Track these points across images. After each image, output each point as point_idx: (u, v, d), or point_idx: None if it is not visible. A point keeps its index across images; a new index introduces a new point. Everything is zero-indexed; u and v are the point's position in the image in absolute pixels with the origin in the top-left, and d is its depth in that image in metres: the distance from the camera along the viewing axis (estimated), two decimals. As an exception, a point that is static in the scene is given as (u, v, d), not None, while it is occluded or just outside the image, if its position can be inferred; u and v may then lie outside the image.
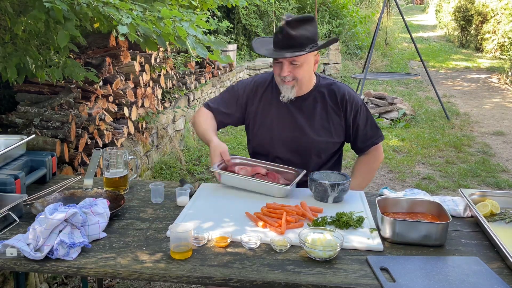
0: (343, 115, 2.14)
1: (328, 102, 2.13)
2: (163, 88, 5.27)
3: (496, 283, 1.29)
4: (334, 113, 2.13)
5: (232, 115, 2.22)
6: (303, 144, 2.12)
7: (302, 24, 1.97)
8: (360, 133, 2.18)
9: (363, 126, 2.17)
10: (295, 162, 2.13)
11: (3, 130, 3.27)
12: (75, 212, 1.46)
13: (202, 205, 1.81)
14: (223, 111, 2.21)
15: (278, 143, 2.14)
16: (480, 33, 14.17)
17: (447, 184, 4.68)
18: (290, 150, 2.14)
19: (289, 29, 1.95)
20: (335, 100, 2.14)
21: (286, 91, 2.07)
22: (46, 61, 2.98)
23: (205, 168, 5.04)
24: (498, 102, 8.50)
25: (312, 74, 2.12)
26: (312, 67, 2.08)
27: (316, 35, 2.03)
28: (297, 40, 1.96)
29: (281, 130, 2.14)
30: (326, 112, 2.13)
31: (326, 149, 2.16)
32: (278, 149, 2.15)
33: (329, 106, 2.13)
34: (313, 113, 2.12)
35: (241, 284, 1.33)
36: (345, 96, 2.14)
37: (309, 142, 2.12)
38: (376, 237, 1.55)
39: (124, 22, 2.21)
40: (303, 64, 2.01)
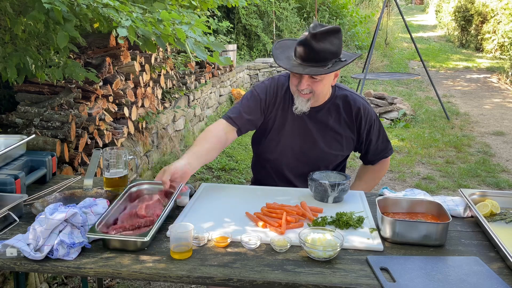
0: (356, 129, 2.10)
1: (342, 115, 2.08)
2: (163, 88, 5.27)
3: (496, 283, 1.29)
4: (347, 126, 2.09)
5: (257, 121, 2.10)
6: (313, 155, 2.09)
7: (328, 37, 1.87)
8: (371, 148, 2.16)
9: (375, 141, 2.15)
10: (301, 170, 2.09)
11: (3, 130, 3.27)
12: (75, 212, 1.46)
13: (202, 205, 1.81)
14: (247, 118, 2.06)
15: (288, 151, 2.10)
16: (480, 33, 14.17)
17: (447, 184, 4.68)
18: (299, 160, 2.11)
19: (314, 42, 1.86)
20: (350, 114, 2.09)
21: (300, 104, 1.99)
22: (46, 61, 2.99)
23: (205, 168, 5.04)
24: (498, 102, 8.51)
25: (330, 87, 2.06)
26: (331, 81, 2.01)
27: (341, 48, 1.94)
28: (321, 55, 1.87)
29: (292, 139, 2.09)
30: (339, 124, 2.09)
31: (335, 160, 2.14)
32: (286, 157, 2.11)
33: (343, 119, 2.08)
34: (327, 125, 2.08)
35: (241, 284, 1.33)
36: (360, 110, 2.08)
37: (320, 154, 2.09)
38: (376, 237, 1.55)
39: (123, 24, 2.21)
40: (324, 79, 1.95)
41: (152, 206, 1.62)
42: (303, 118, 2.06)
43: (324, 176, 1.93)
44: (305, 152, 2.09)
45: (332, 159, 2.12)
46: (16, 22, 2.66)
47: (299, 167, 2.11)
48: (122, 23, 2.21)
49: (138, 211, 1.60)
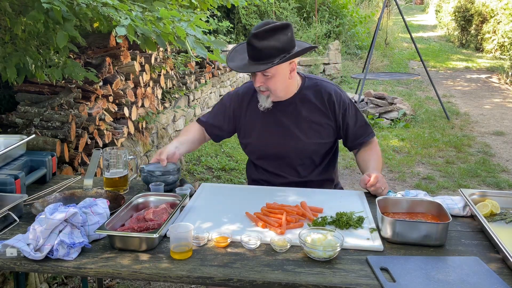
0: (332, 116, 2.10)
1: (315, 103, 2.09)
2: (163, 88, 5.27)
3: (496, 283, 1.29)
4: (322, 114, 2.09)
5: (222, 127, 2.23)
6: (294, 148, 2.09)
7: (272, 35, 1.90)
8: (350, 132, 2.14)
9: (353, 125, 2.14)
10: (289, 165, 2.12)
11: (3, 130, 3.27)
12: (75, 212, 1.46)
13: (202, 205, 1.81)
14: (213, 124, 2.23)
15: (270, 149, 2.13)
16: (480, 33, 14.17)
17: (447, 184, 4.68)
18: (283, 156, 2.12)
19: (256, 41, 1.90)
20: (322, 101, 2.10)
21: (262, 100, 2.06)
22: (46, 61, 2.99)
23: (205, 168, 5.04)
24: (498, 102, 8.50)
25: (289, 81, 2.05)
26: (287, 76, 2.01)
27: (291, 43, 1.95)
28: (265, 52, 1.90)
29: (270, 137, 2.11)
30: (313, 113, 2.09)
31: (317, 150, 2.13)
32: (270, 155, 2.14)
33: (316, 107, 2.09)
34: (300, 116, 2.09)
35: (241, 284, 1.33)
36: (331, 96, 2.10)
37: (300, 145, 2.09)
38: (376, 237, 1.55)
39: (122, 23, 2.21)
40: (275, 75, 1.97)
41: (159, 212, 1.63)
42: (276, 115, 2.09)
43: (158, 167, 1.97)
44: (286, 146, 2.09)
45: (314, 148, 2.11)
46: (16, 22, 2.66)
47: (285, 163, 2.12)
48: (121, 22, 2.21)
49: (146, 215, 1.61)
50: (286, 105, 2.09)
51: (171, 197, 1.76)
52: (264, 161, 2.17)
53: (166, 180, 1.92)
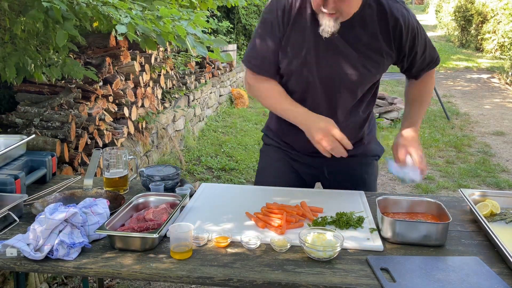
0: (396, 45, 1.74)
1: (378, 28, 1.71)
2: (163, 88, 5.27)
3: (496, 283, 1.29)
4: (384, 41, 1.72)
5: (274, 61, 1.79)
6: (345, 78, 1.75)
7: None
8: (417, 60, 1.81)
9: (421, 53, 1.80)
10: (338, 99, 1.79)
11: (3, 130, 3.27)
12: (75, 212, 1.46)
13: (202, 205, 1.81)
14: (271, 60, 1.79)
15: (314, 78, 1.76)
16: (480, 33, 14.17)
17: (447, 184, 4.68)
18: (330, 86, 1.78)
19: None
20: (386, 27, 1.71)
21: (327, 24, 1.63)
22: (45, 61, 2.99)
23: (205, 168, 5.04)
24: (498, 102, 8.50)
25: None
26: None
27: None
28: None
29: (317, 63, 1.74)
30: (374, 39, 1.72)
31: (371, 81, 1.81)
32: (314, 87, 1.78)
33: (379, 33, 1.71)
34: (359, 42, 1.72)
35: (241, 284, 1.33)
36: (398, 21, 1.70)
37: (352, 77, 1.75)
38: (376, 237, 1.55)
39: (122, 21, 2.21)
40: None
41: (159, 212, 1.63)
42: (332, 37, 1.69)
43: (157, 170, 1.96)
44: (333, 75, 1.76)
45: (369, 79, 1.80)
46: (15, 21, 2.67)
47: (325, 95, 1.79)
48: (121, 20, 2.21)
49: (146, 215, 1.61)
50: (344, 28, 1.68)
51: (171, 197, 1.76)
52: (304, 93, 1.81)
53: (166, 185, 1.91)
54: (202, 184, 2.03)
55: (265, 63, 1.81)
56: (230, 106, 7.80)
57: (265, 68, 1.82)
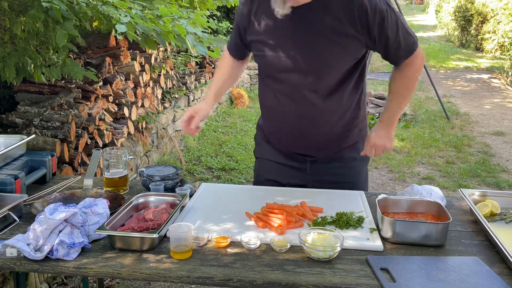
0: (363, 28, 1.70)
1: (342, 11, 1.69)
2: (163, 88, 5.27)
3: (496, 283, 1.29)
4: (349, 24, 1.70)
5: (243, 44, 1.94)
6: (314, 63, 1.76)
7: None
8: (391, 45, 1.75)
9: (394, 37, 1.73)
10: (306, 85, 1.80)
11: (3, 130, 3.27)
12: (75, 212, 1.46)
13: (202, 205, 1.81)
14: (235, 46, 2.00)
15: (283, 65, 1.80)
16: (480, 33, 14.17)
17: (447, 184, 4.68)
18: (299, 73, 1.79)
19: None
20: (351, 10, 1.68)
21: (279, 6, 1.68)
22: (45, 61, 2.99)
23: (205, 168, 5.04)
24: (498, 102, 8.50)
25: None
26: None
27: None
28: None
29: (284, 50, 1.77)
30: (338, 22, 1.70)
31: (343, 66, 1.79)
32: (284, 73, 1.82)
33: (343, 16, 1.69)
34: (322, 25, 1.71)
35: (241, 284, 1.33)
36: (363, 4, 1.66)
37: (320, 61, 1.75)
38: (376, 237, 1.55)
39: (122, 20, 2.21)
40: None
41: (159, 212, 1.63)
42: (293, 21, 1.72)
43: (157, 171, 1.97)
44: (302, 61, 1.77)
45: (340, 65, 1.79)
46: (15, 21, 2.67)
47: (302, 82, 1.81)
48: (121, 20, 2.21)
49: (146, 215, 1.61)
50: (305, 11, 1.70)
51: (171, 197, 1.76)
52: (276, 80, 1.86)
53: (166, 185, 1.91)
54: (202, 184, 2.03)
55: (231, 44, 2.03)
56: (230, 106, 7.80)
57: (232, 48, 2.04)
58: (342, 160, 1.98)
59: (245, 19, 1.86)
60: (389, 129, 1.89)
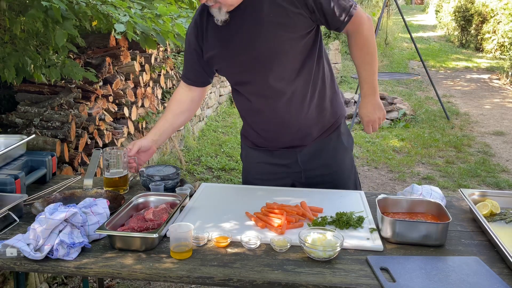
0: (299, 3, 1.75)
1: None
2: (163, 88, 5.27)
3: (496, 283, 1.29)
4: (287, 3, 1.75)
5: (201, 71, 1.98)
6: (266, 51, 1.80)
7: None
8: (328, 12, 1.79)
9: (327, 4, 1.78)
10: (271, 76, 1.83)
11: (3, 130, 3.27)
12: (75, 212, 1.46)
13: (202, 205, 1.81)
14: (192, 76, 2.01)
15: (243, 67, 1.86)
16: (480, 33, 14.17)
17: (447, 184, 4.68)
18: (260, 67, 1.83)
19: None
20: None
21: (216, 14, 1.76)
22: (45, 61, 2.99)
23: (205, 168, 5.04)
24: (498, 102, 8.50)
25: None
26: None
27: None
28: None
29: (236, 50, 1.83)
30: (275, 5, 1.76)
31: (296, 47, 1.82)
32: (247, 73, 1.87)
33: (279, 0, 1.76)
34: (261, 15, 1.77)
35: (241, 284, 1.33)
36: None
37: (272, 46, 1.79)
38: (376, 237, 1.55)
39: (121, 20, 2.21)
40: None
41: (159, 212, 1.63)
42: (236, 24, 1.79)
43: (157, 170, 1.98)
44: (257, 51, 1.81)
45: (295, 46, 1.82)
46: (15, 21, 2.67)
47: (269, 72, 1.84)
48: (120, 19, 2.21)
49: (146, 215, 1.61)
50: (243, 10, 1.78)
51: (171, 197, 1.76)
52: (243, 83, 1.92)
53: (166, 185, 1.91)
54: (202, 184, 2.03)
55: (188, 74, 2.03)
56: (230, 106, 7.81)
57: (189, 77, 2.03)
58: (330, 143, 2.03)
59: (198, 42, 1.91)
60: (374, 99, 1.95)
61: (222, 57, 1.88)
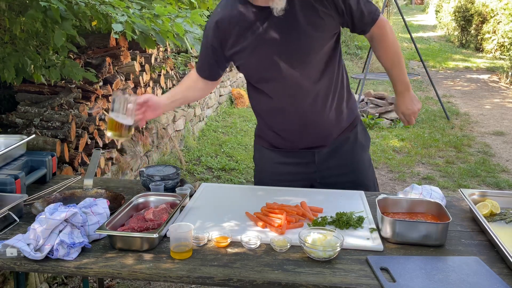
0: (330, 4, 1.80)
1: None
2: (163, 88, 5.27)
3: (496, 283, 1.29)
4: (319, 4, 1.79)
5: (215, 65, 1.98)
6: (296, 53, 1.83)
7: None
8: (355, 14, 1.84)
9: (355, 5, 1.83)
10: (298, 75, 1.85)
11: (3, 130, 3.27)
12: (75, 212, 1.46)
13: (202, 205, 1.81)
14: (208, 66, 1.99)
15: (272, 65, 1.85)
16: (480, 33, 14.17)
17: (447, 184, 4.68)
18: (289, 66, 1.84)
19: None
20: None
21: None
22: (45, 61, 2.99)
23: (205, 168, 5.04)
24: (498, 102, 8.50)
25: None
26: None
27: None
28: None
29: (268, 50, 1.83)
30: (308, 5, 1.79)
31: (323, 48, 1.86)
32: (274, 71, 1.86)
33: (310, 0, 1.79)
34: (294, 13, 1.79)
35: (241, 284, 1.33)
36: None
37: (303, 48, 1.82)
38: (376, 237, 1.55)
39: (119, 19, 2.20)
40: None
41: (159, 212, 1.63)
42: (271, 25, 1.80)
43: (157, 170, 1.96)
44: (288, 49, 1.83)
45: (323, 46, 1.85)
46: (15, 22, 2.66)
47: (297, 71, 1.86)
48: (118, 19, 2.21)
49: (146, 215, 1.61)
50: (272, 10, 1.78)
51: (171, 197, 1.76)
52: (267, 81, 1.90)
53: (166, 185, 1.91)
54: (202, 184, 2.03)
55: (202, 65, 2.01)
56: (230, 106, 7.81)
57: (202, 69, 2.01)
58: (347, 143, 2.03)
59: (217, 38, 1.89)
60: (409, 93, 2.02)
61: (250, 53, 1.85)
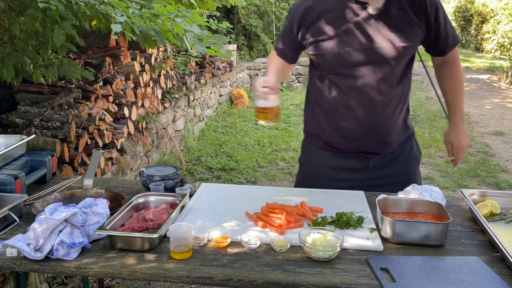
0: (422, 15, 1.81)
1: (405, 1, 1.80)
2: (163, 88, 5.28)
3: (496, 283, 1.29)
4: (413, 13, 1.80)
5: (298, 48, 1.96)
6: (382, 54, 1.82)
7: None
8: (441, 33, 1.86)
9: (444, 25, 1.85)
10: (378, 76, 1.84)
11: (3, 130, 3.27)
12: (75, 212, 1.46)
13: (202, 205, 1.81)
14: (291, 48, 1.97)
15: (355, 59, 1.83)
16: (480, 33, 14.18)
17: (447, 184, 4.68)
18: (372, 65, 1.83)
19: None
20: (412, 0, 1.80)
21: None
22: (44, 61, 2.98)
23: (205, 168, 5.04)
24: (498, 102, 8.51)
25: None
26: None
27: None
28: None
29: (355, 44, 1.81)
30: (402, 11, 1.80)
31: (407, 55, 1.87)
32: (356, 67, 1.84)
33: (406, 5, 1.79)
34: (388, 16, 1.79)
35: (241, 284, 1.33)
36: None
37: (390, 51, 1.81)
38: (376, 237, 1.55)
39: (118, 20, 2.20)
40: None
41: (159, 212, 1.63)
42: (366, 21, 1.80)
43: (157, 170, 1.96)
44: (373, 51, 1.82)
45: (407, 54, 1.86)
46: (14, 21, 2.66)
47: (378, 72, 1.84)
48: (117, 19, 2.21)
49: (146, 215, 1.61)
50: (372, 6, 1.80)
51: (171, 197, 1.76)
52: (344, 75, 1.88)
53: (166, 185, 1.91)
54: (202, 184, 2.03)
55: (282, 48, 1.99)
56: (230, 106, 7.81)
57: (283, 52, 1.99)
58: (402, 154, 2.02)
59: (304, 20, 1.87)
60: (463, 126, 2.05)
61: (335, 44, 1.83)
